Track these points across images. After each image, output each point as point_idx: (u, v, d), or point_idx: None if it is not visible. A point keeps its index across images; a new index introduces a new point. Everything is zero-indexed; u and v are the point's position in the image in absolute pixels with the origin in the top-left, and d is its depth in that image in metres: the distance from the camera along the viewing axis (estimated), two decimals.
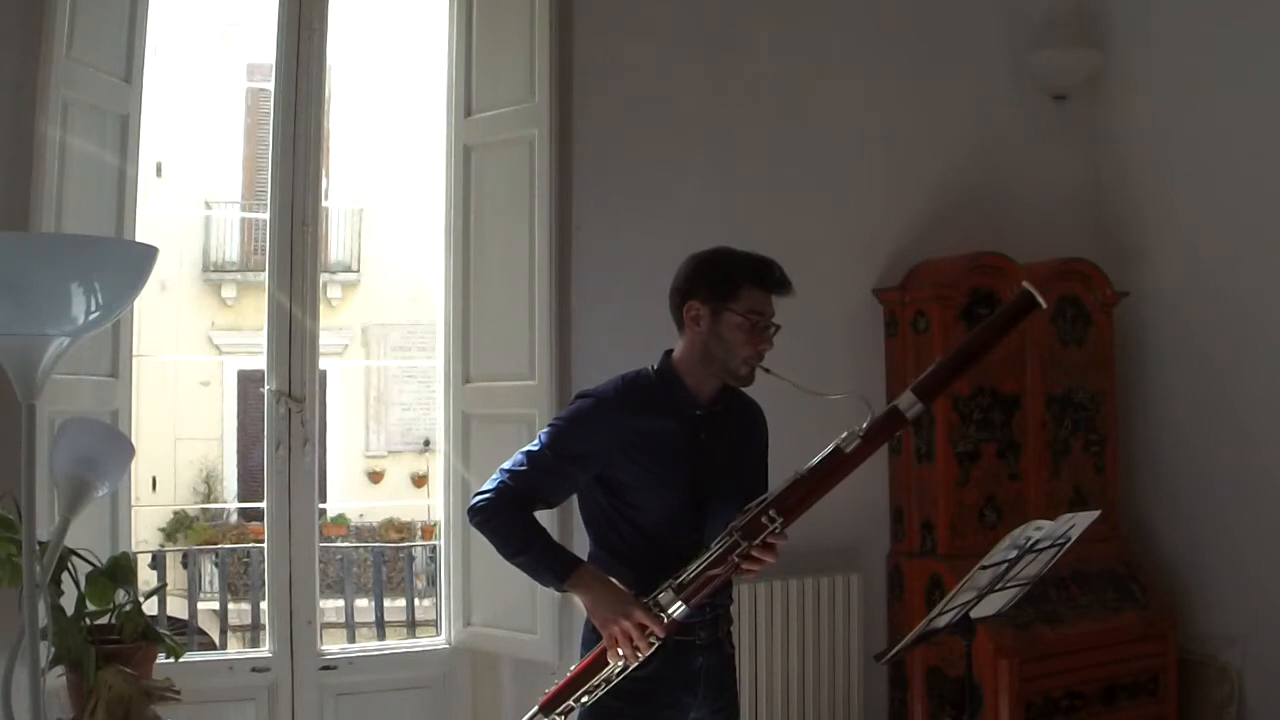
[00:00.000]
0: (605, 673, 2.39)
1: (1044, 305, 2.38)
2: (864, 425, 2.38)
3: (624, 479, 2.47)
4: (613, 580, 2.41)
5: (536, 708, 2.43)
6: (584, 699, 2.41)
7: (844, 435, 2.39)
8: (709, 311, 2.45)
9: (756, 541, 2.37)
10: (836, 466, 2.39)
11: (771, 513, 2.37)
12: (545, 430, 2.52)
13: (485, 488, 2.47)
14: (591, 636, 2.49)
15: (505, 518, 2.44)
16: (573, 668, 2.47)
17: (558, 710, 2.41)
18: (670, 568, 2.40)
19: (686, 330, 2.50)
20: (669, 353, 2.55)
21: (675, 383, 2.50)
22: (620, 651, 2.36)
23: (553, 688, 2.45)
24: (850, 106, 4.38)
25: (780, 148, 4.23)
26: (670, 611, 2.37)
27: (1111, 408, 4.53)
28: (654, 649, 2.37)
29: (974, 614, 2.79)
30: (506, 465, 2.48)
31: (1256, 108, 4.29)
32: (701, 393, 2.51)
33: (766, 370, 2.46)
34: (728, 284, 2.45)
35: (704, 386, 2.51)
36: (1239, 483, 4.34)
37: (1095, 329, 4.51)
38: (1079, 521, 2.80)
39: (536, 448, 2.47)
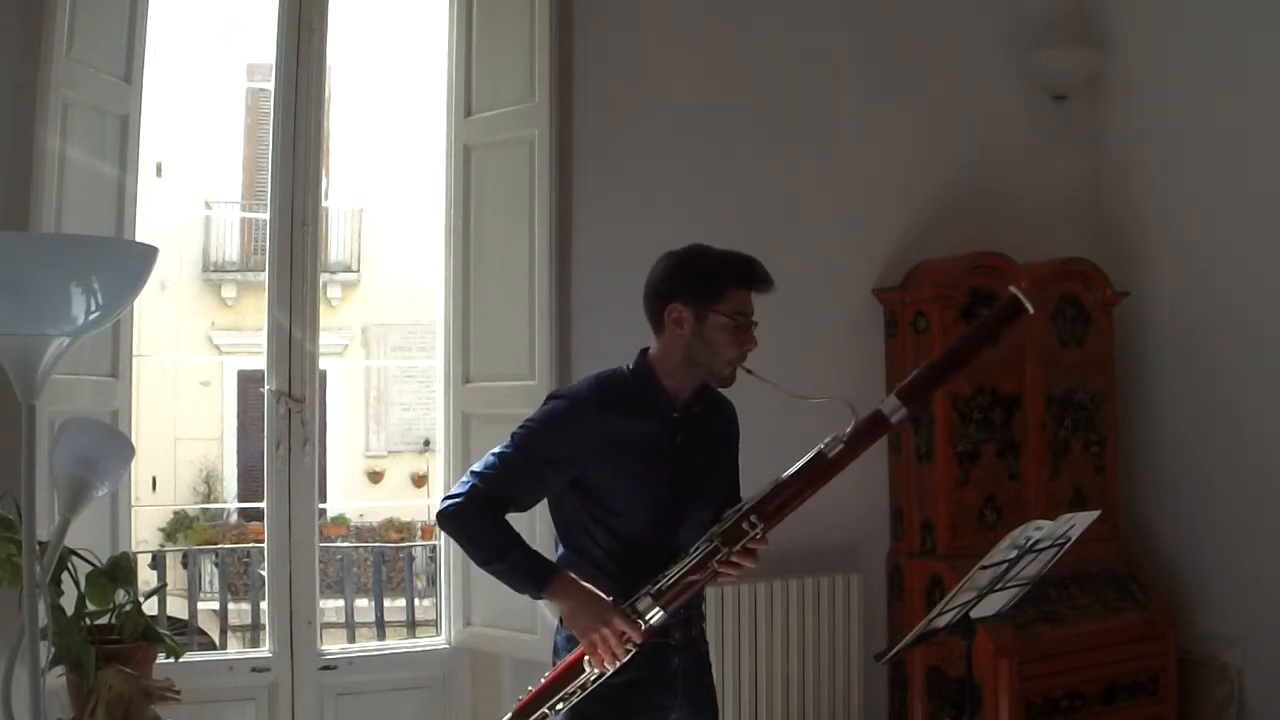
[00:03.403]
0: (581, 679, 2.36)
1: (1031, 310, 2.34)
2: (848, 430, 2.34)
3: (599, 482, 2.41)
4: (590, 587, 2.37)
5: (510, 715, 2.40)
6: (559, 706, 2.37)
7: (827, 440, 2.35)
8: (692, 314, 2.40)
9: (737, 548, 2.34)
10: (820, 472, 2.35)
11: (752, 518, 2.34)
12: (517, 431, 2.43)
13: (455, 491, 2.40)
14: (565, 644, 2.45)
15: (478, 523, 2.38)
16: (546, 674, 2.44)
17: (532, 717, 2.37)
18: (645, 572, 2.37)
19: (667, 332, 2.43)
20: (645, 351, 2.49)
21: (653, 383, 2.45)
22: (599, 658, 2.33)
23: (526, 694, 2.42)
24: (851, 107, 4.38)
25: (780, 147, 4.23)
26: (648, 618, 2.34)
27: (1111, 408, 4.53)
28: (631, 655, 2.34)
29: (974, 614, 2.79)
30: (477, 468, 2.42)
31: (1256, 107, 4.29)
32: (680, 394, 2.46)
33: (749, 372, 2.41)
34: (711, 285, 2.40)
35: (683, 387, 2.46)
36: (1239, 483, 4.34)
37: (1095, 329, 4.51)
38: (1079, 521, 2.79)
39: (509, 450, 2.40)
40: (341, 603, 9.46)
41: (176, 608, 8.71)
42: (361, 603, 9.81)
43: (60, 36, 3.17)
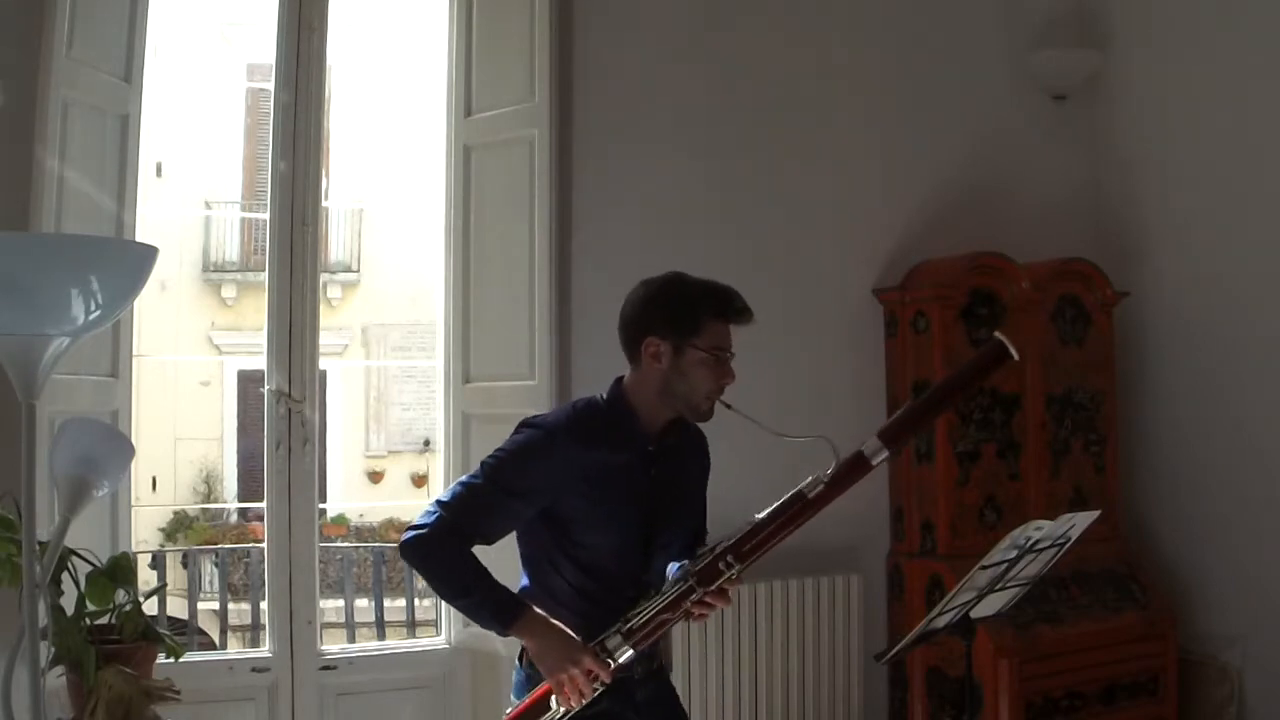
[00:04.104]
0: (546, 717, 2.32)
1: (1015, 357, 2.34)
2: (828, 471, 2.31)
3: (570, 514, 2.35)
4: (559, 625, 2.30)
5: None
6: None
7: (808, 480, 2.32)
8: (670, 348, 2.34)
9: (712, 588, 2.30)
10: (799, 513, 2.32)
11: (729, 558, 2.30)
12: (488, 461, 2.35)
13: (420, 521, 2.31)
14: (525, 683, 2.40)
15: (444, 556, 2.29)
16: (509, 711, 2.40)
17: None
18: (610, 605, 2.33)
19: (643, 365, 2.38)
20: (619, 380, 2.43)
21: (628, 415, 2.39)
22: (565, 698, 2.28)
23: None
24: (851, 106, 4.38)
25: (780, 147, 4.23)
26: (617, 656, 2.29)
27: (1111, 408, 4.53)
28: (598, 693, 2.30)
29: (974, 614, 2.79)
30: (444, 497, 2.34)
31: (1256, 108, 4.29)
32: (654, 426, 2.41)
33: (728, 406, 2.37)
34: (688, 318, 2.34)
35: (658, 419, 2.41)
36: (1239, 483, 4.34)
37: (1095, 329, 4.51)
38: (1079, 521, 2.79)
39: (479, 480, 2.32)
40: (341, 603, 9.44)
41: (176, 608, 8.70)
42: (361, 603, 9.79)
43: (60, 36, 3.17)
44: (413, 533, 2.31)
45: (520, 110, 3.79)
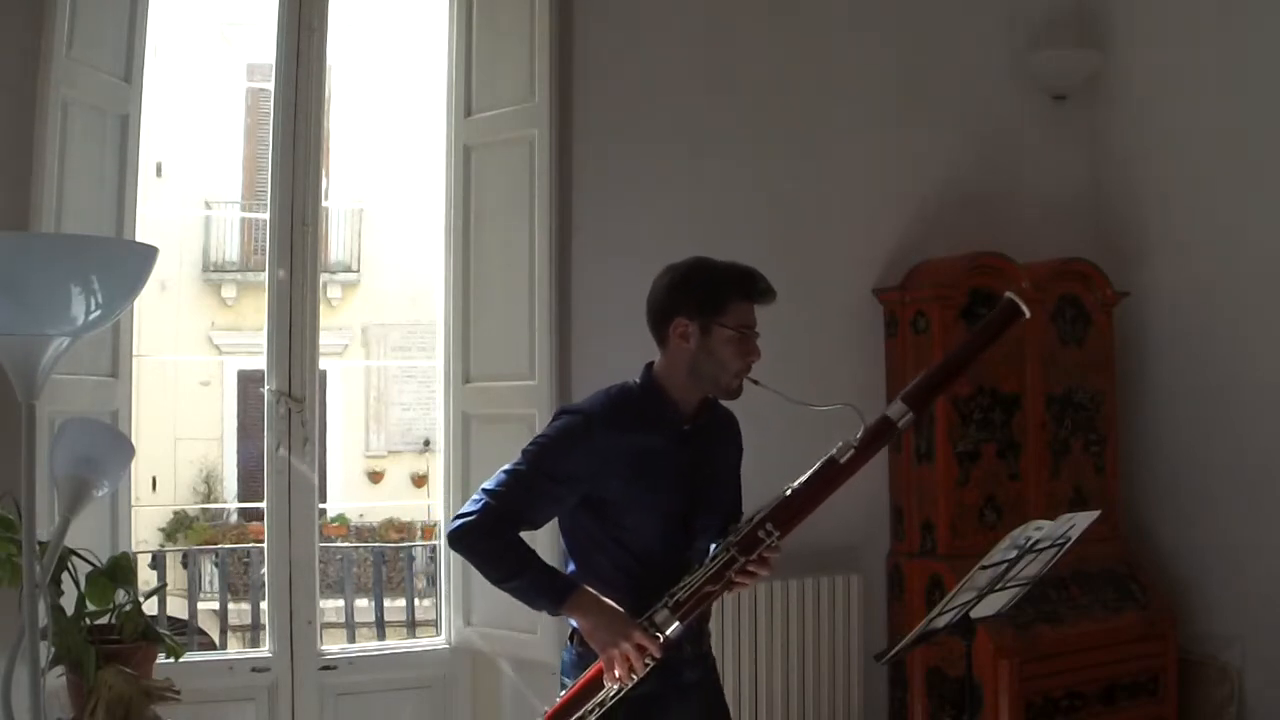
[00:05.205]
0: (600, 696, 2.34)
1: (1028, 314, 2.39)
2: (857, 436, 2.36)
3: (612, 498, 2.40)
4: (610, 602, 2.35)
5: None
6: None
7: (838, 446, 2.37)
8: (698, 328, 2.40)
9: (753, 556, 2.34)
10: (832, 478, 2.37)
11: (769, 526, 2.34)
12: (530, 448, 2.42)
13: (467, 509, 2.38)
14: (576, 662, 2.43)
15: (494, 542, 2.36)
16: (562, 693, 2.41)
17: None
18: (657, 586, 2.36)
19: (671, 346, 2.43)
20: (650, 366, 2.49)
21: (661, 398, 2.45)
22: (616, 674, 2.31)
23: (547, 711, 2.40)
24: (850, 106, 4.38)
25: (780, 147, 4.23)
26: (667, 631, 2.33)
27: (1111, 408, 4.53)
28: (649, 669, 2.33)
29: (974, 614, 2.79)
30: (488, 485, 2.40)
31: (1256, 107, 4.29)
32: (687, 407, 2.46)
33: (755, 382, 2.42)
34: (715, 298, 2.40)
35: (689, 400, 2.46)
36: (1238, 483, 4.34)
37: (1095, 329, 4.51)
38: (1079, 521, 2.80)
39: (523, 467, 2.39)
40: (341, 603, 9.46)
41: (176, 608, 8.71)
42: (361, 603, 9.81)
43: (60, 36, 3.17)
44: (460, 521, 2.37)
45: (520, 110, 3.79)
